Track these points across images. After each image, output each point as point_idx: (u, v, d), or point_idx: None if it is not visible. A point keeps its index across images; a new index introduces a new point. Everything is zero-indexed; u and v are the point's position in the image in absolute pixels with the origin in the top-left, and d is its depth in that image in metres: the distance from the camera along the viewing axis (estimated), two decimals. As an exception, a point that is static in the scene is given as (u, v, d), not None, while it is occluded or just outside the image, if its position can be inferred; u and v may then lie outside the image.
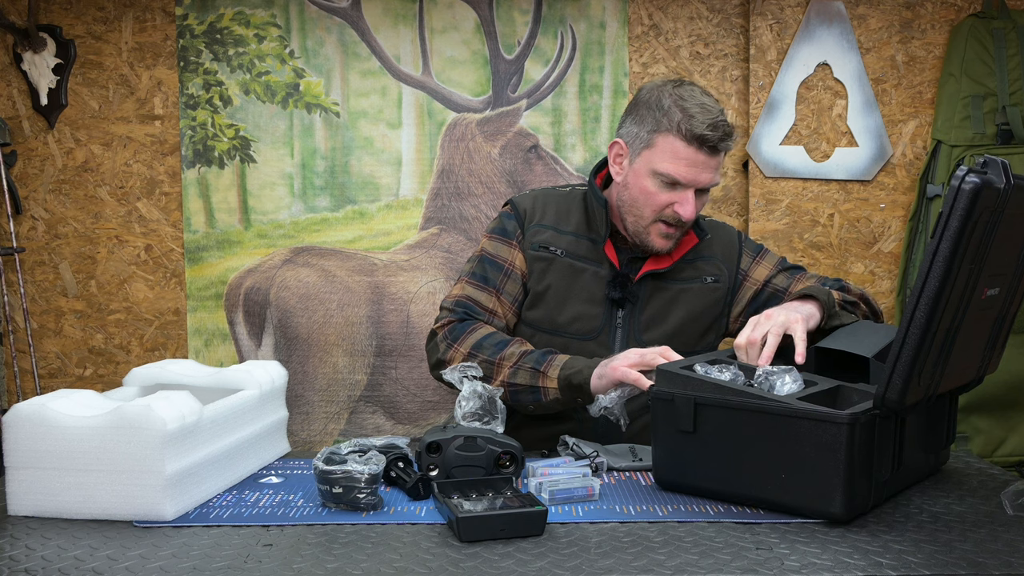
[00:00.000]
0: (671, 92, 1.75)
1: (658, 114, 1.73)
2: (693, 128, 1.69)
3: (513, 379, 1.68)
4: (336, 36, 2.55)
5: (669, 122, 1.72)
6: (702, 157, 1.72)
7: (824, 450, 1.23)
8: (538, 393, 1.68)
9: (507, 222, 1.87)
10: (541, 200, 1.89)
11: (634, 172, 1.78)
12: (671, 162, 1.72)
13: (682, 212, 1.74)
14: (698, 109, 1.71)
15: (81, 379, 2.61)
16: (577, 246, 1.82)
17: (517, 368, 1.69)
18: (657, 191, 1.74)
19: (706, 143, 1.70)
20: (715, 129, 1.70)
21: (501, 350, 1.70)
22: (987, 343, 1.43)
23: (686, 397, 1.35)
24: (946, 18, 2.52)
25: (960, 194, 1.15)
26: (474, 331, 1.74)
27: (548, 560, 1.12)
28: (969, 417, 2.48)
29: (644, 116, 1.76)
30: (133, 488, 1.27)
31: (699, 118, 1.70)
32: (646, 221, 1.78)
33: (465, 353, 1.72)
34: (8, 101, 2.58)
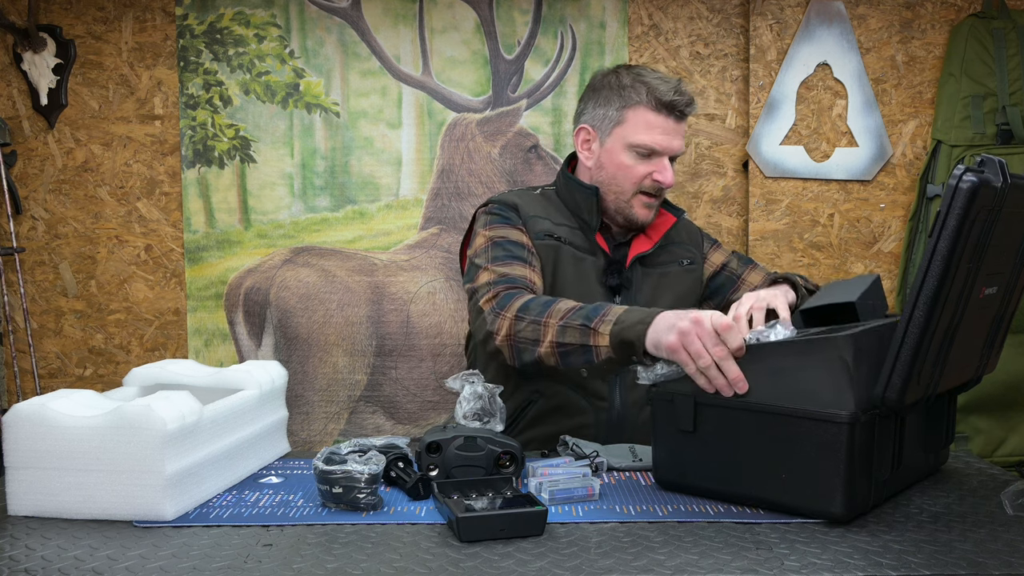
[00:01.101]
0: (626, 72, 1.86)
1: (623, 92, 1.83)
2: (661, 96, 1.80)
3: (561, 338, 1.53)
4: (336, 36, 2.55)
5: (637, 95, 1.81)
6: (672, 124, 1.82)
7: (824, 450, 1.23)
8: (590, 353, 1.51)
9: (504, 213, 1.86)
10: (523, 196, 1.91)
11: (607, 151, 1.85)
12: (645, 132, 1.81)
13: (662, 179, 1.83)
14: (658, 81, 1.82)
15: (81, 379, 2.61)
16: (573, 236, 1.86)
17: (565, 326, 1.53)
18: (634, 164, 1.83)
19: (675, 108, 1.81)
20: (681, 94, 1.81)
21: (548, 307, 1.58)
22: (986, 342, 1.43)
23: (686, 397, 1.35)
24: (946, 18, 2.52)
25: (957, 193, 1.15)
26: (520, 297, 1.65)
27: (548, 560, 1.12)
28: (969, 417, 2.48)
29: (608, 97, 1.85)
30: (133, 488, 1.27)
31: (663, 87, 1.81)
32: (628, 195, 1.85)
33: (512, 318, 1.61)
34: (8, 101, 2.58)
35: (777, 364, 1.28)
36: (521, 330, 1.60)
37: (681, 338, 1.33)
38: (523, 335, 1.60)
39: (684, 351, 1.33)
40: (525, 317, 1.60)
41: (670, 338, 1.34)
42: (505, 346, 1.63)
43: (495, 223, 1.85)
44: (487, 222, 1.87)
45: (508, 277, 1.73)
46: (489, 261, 1.78)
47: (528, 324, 1.59)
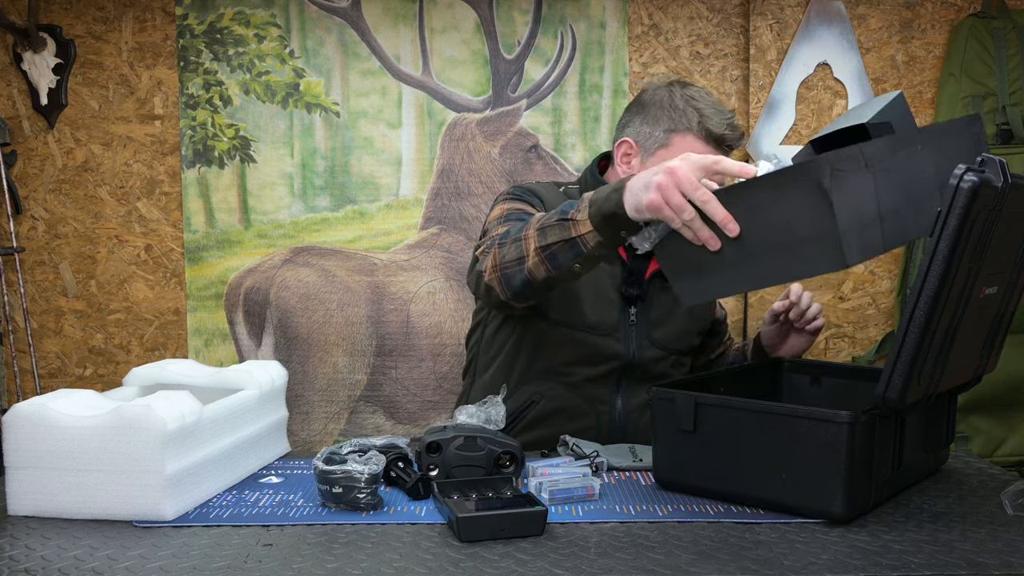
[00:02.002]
0: (680, 93, 1.77)
1: (674, 114, 1.75)
2: (712, 129, 1.72)
3: (544, 240, 1.47)
4: (336, 36, 2.55)
5: (688, 122, 1.73)
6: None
7: (824, 450, 1.23)
8: (576, 246, 1.44)
9: (526, 196, 1.81)
10: (547, 189, 1.86)
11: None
12: None
13: None
14: (713, 110, 1.74)
15: (81, 379, 2.61)
16: None
17: (543, 227, 1.47)
18: None
19: (724, 143, 1.74)
20: (733, 130, 1.74)
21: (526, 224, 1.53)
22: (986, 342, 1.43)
23: (686, 397, 1.36)
24: (946, 18, 2.52)
25: (958, 192, 1.15)
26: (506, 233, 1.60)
27: (548, 560, 1.12)
28: (969, 417, 2.48)
29: (658, 116, 1.77)
30: (133, 488, 1.27)
31: (716, 119, 1.73)
32: None
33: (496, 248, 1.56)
34: (8, 101, 2.58)
35: (755, 201, 1.20)
36: (505, 254, 1.54)
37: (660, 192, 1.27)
38: (508, 258, 1.54)
39: (667, 207, 1.27)
40: (506, 241, 1.55)
41: (649, 196, 1.28)
42: (494, 279, 1.56)
43: (514, 199, 1.80)
44: (506, 197, 1.82)
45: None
46: (499, 223, 1.72)
47: (510, 245, 1.53)
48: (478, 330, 1.93)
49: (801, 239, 1.19)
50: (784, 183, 1.19)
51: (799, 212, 1.18)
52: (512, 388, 1.79)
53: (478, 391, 1.84)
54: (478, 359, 1.93)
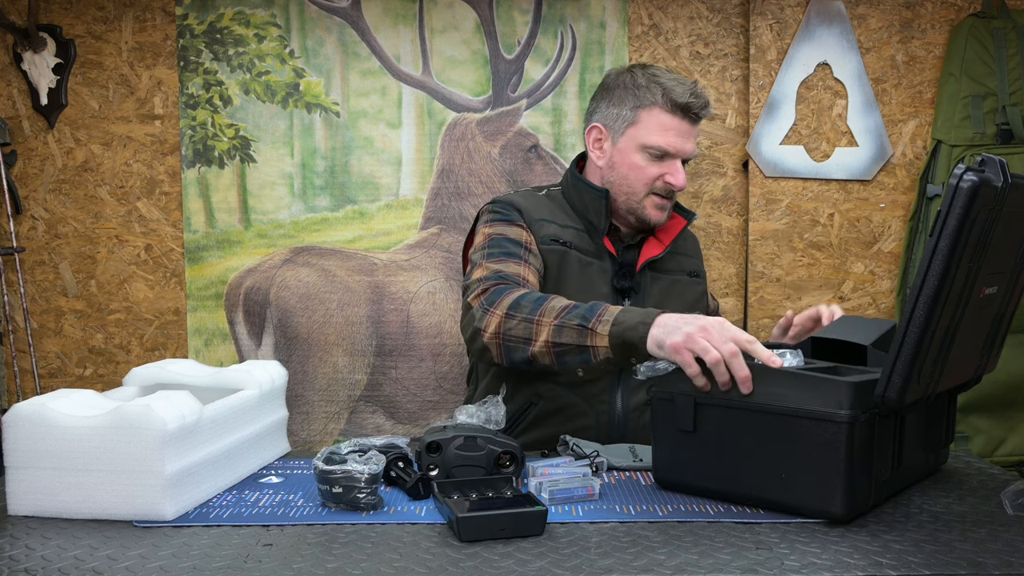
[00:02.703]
0: (641, 72, 1.84)
1: (637, 92, 1.82)
2: (676, 98, 1.79)
3: (558, 338, 1.50)
4: (336, 36, 2.55)
5: (652, 96, 1.80)
6: (686, 126, 1.81)
7: (824, 450, 1.23)
8: (587, 353, 1.48)
9: (506, 211, 1.84)
10: (527, 199, 1.89)
11: (619, 151, 1.84)
12: (659, 134, 1.80)
13: (674, 182, 1.82)
14: (674, 82, 1.81)
15: (81, 379, 2.61)
16: (580, 240, 1.84)
17: (562, 325, 1.50)
18: (646, 165, 1.82)
19: (690, 110, 1.81)
20: (697, 97, 1.81)
21: (540, 305, 1.55)
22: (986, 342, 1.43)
23: (686, 397, 1.35)
24: (946, 18, 2.52)
25: (958, 192, 1.15)
26: (510, 293, 1.61)
27: (548, 560, 1.12)
28: (969, 417, 2.48)
29: (623, 97, 1.83)
30: (133, 488, 1.27)
31: (679, 89, 1.80)
32: (639, 196, 1.84)
33: (502, 315, 1.57)
34: (8, 101, 2.58)
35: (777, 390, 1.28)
36: (512, 328, 1.56)
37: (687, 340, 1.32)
38: (514, 333, 1.56)
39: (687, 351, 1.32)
40: (516, 315, 1.56)
41: (675, 339, 1.34)
42: (493, 344, 1.59)
43: (495, 220, 1.84)
44: (488, 220, 1.86)
45: (500, 273, 1.69)
46: (485, 258, 1.75)
47: (519, 322, 1.55)
48: None
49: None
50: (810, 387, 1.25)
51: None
52: (512, 390, 1.79)
53: (480, 396, 1.84)
54: (479, 364, 1.94)
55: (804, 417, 1.25)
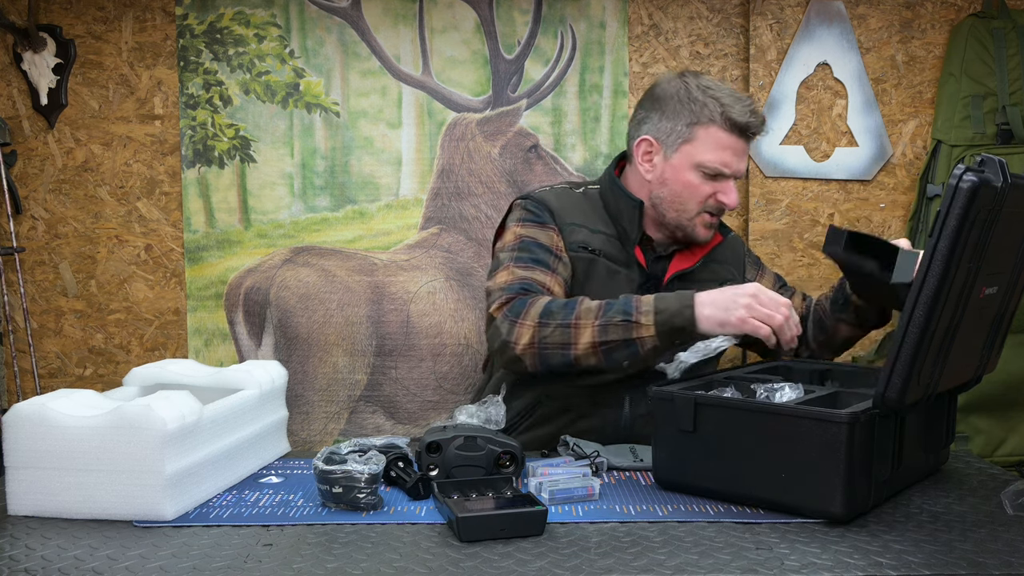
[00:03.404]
0: (695, 83, 1.76)
1: (693, 107, 1.74)
2: (735, 117, 1.72)
3: (604, 336, 1.55)
4: (336, 36, 2.55)
5: (710, 113, 1.73)
6: (741, 145, 1.75)
7: (824, 450, 1.23)
8: (634, 346, 1.55)
9: (539, 212, 1.80)
10: (561, 198, 1.84)
11: (672, 167, 1.77)
12: (715, 152, 1.74)
13: (727, 201, 1.77)
14: (733, 99, 1.74)
15: (81, 379, 2.61)
16: (610, 246, 1.80)
17: (606, 324, 1.55)
18: (700, 183, 1.76)
19: (748, 130, 1.74)
20: (755, 115, 1.74)
21: (573, 309, 1.58)
22: (986, 342, 1.43)
23: (686, 397, 1.36)
24: (946, 18, 2.52)
25: (958, 192, 1.15)
26: (535, 302, 1.62)
27: (548, 560, 1.12)
28: (969, 417, 2.48)
29: (677, 110, 1.76)
30: (133, 488, 1.27)
31: (737, 107, 1.73)
32: (691, 214, 1.78)
33: (533, 326, 1.59)
34: (8, 101, 2.58)
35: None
36: (548, 335, 1.58)
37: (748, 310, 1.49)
38: (551, 340, 1.58)
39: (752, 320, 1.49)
40: (550, 322, 1.58)
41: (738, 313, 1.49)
42: (528, 354, 1.60)
43: (527, 221, 1.79)
44: (520, 218, 1.81)
45: (525, 281, 1.68)
46: (513, 261, 1.73)
47: (555, 328, 1.57)
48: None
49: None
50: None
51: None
52: (523, 386, 1.79)
53: (493, 388, 1.83)
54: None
55: (804, 417, 1.25)
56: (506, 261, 1.74)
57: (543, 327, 1.59)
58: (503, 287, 1.68)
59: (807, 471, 1.25)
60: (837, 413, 1.23)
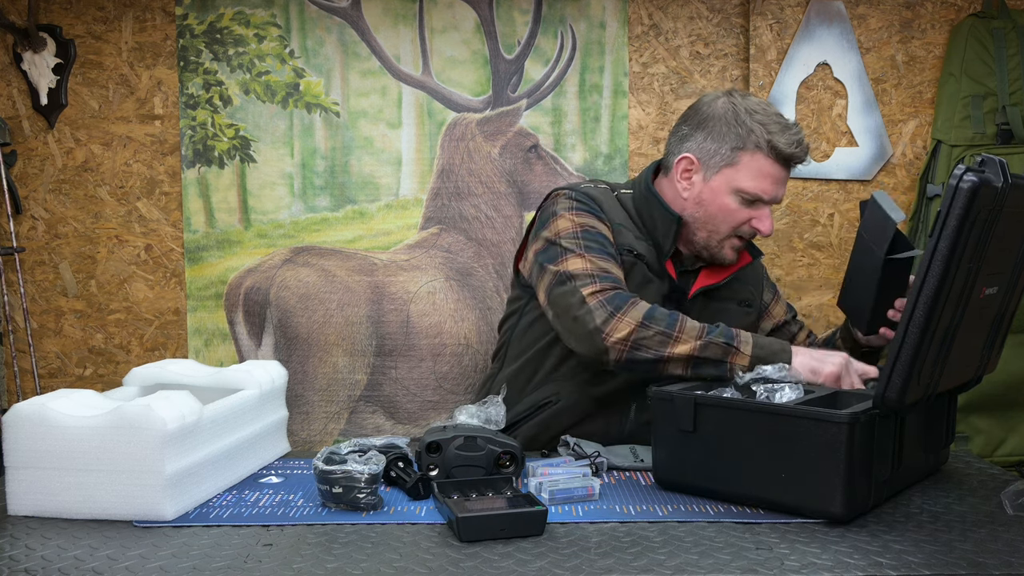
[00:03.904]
0: (743, 106, 1.73)
1: (740, 131, 1.71)
2: (780, 147, 1.70)
3: (703, 353, 1.58)
4: (336, 36, 2.55)
5: (757, 140, 1.70)
6: (783, 173, 1.74)
7: (824, 450, 1.23)
8: (723, 367, 1.58)
9: (589, 203, 1.77)
10: (604, 197, 1.81)
11: (711, 189, 1.75)
12: (756, 180, 1.72)
13: (762, 228, 1.76)
14: (778, 126, 1.71)
15: (81, 379, 2.61)
16: (650, 254, 1.78)
17: (708, 343, 1.58)
18: (737, 208, 1.74)
19: (793, 161, 1.73)
20: (801, 147, 1.72)
21: (675, 321, 1.60)
22: (986, 342, 1.43)
23: (686, 397, 1.36)
24: (946, 18, 2.52)
25: (958, 192, 1.15)
26: (637, 302, 1.62)
27: (548, 560, 1.12)
28: (969, 417, 2.48)
29: (723, 133, 1.73)
30: (133, 488, 1.27)
31: (784, 136, 1.70)
32: (721, 236, 1.77)
33: (635, 324, 1.59)
34: (8, 101, 2.58)
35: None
36: (647, 337, 1.58)
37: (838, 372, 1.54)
38: (648, 342, 1.58)
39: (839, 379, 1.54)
40: (652, 326, 1.59)
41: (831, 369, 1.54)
42: (617, 348, 1.59)
43: (581, 210, 1.76)
44: (571, 207, 1.77)
45: (611, 276, 1.67)
46: (584, 249, 1.69)
47: (656, 334, 1.58)
48: (513, 317, 1.91)
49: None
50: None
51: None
52: (536, 383, 1.78)
53: (503, 380, 1.83)
54: (509, 346, 1.91)
55: (804, 417, 1.25)
56: (575, 248, 1.70)
57: (644, 328, 1.59)
58: (590, 273, 1.66)
59: (807, 471, 1.25)
60: (837, 413, 1.23)
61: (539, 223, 1.81)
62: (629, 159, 2.56)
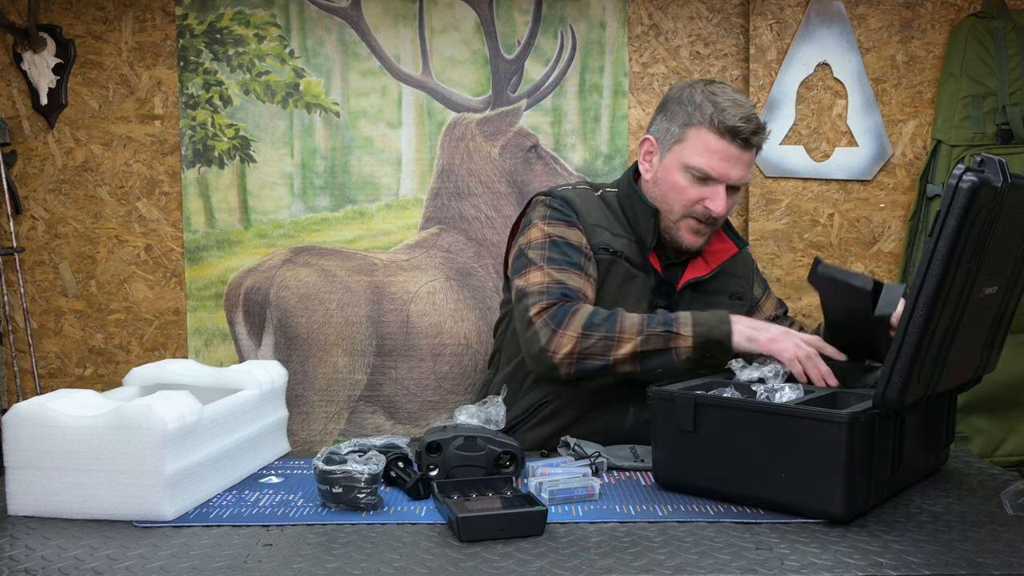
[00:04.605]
0: (703, 89, 1.75)
1: (690, 108, 1.74)
2: (725, 120, 1.70)
3: (645, 347, 1.61)
4: (336, 36, 2.55)
5: (701, 115, 1.72)
6: (734, 151, 1.72)
7: (824, 450, 1.23)
8: (670, 354, 1.61)
9: (565, 210, 1.79)
10: (583, 198, 1.83)
11: (664, 167, 1.77)
12: (703, 155, 1.72)
13: (712, 207, 1.74)
14: (730, 103, 1.72)
15: (81, 379, 2.61)
16: (629, 250, 1.79)
17: (648, 335, 1.61)
18: (688, 185, 1.74)
19: (739, 135, 1.71)
20: (748, 121, 1.71)
21: (615, 322, 1.62)
22: (986, 342, 1.43)
23: (686, 397, 1.36)
24: (946, 18, 2.52)
25: (957, 192, 1.15)
26: (576, 312, 1.64)
27: (548, 560, 1.12)
28: (969, 417, 2.48)
29: (675, 112, 1.76)
30: (133, 488, 1.27)
31: (731, 111, 1.70)
32: (675, 216, 1.77)
33: (575, 336, 1.62)
34: (8, 101, 2.58)
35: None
36: (590, 346, 1.61)
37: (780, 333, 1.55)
38: (592, 350, 1.61)
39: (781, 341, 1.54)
40: (593, 334, 1.62)
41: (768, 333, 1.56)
42: (565, 363, 1.63)
43: (555, 219, 1.78)
44: (547, 216, 1.79)
45: (563, 287, 1.68)
46: (545, 261, 1.72)
47: (599, 340, 1.61)
48: (504, 321, 1.92)
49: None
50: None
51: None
52: (529, 385, 1.79)
53: (499, 384, 1.83)
54: (502, 350, 1.91)
55: (804, 417, 1.25)
56: (538, 261, 1.73)
57: (586, 338, 1.62)
58: (541, 290, 1.69)
59: (807, 471, 1.25)
60: (837, 413, 1.23)
61: (520, 229, 1.85)
62: (629, 159, 2.56)
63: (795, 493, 1.26)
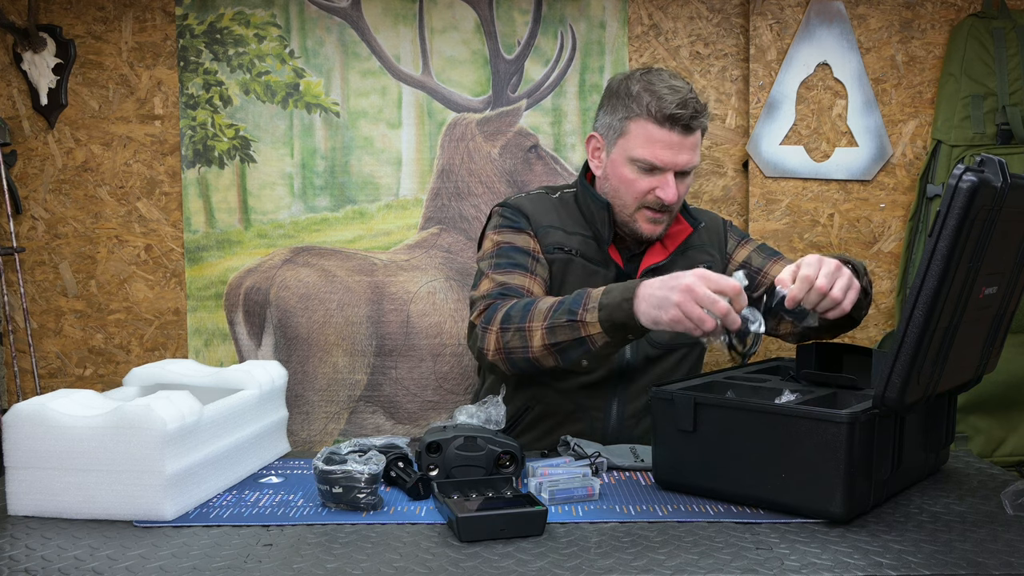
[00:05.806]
0: (640, 78, 1.76)
1: (628, 101, 1.74)
2: (663, 109, 1.70)
3: (552, 338, 1.54)
4: (336, 36, 2.55)
5: (639, 107, 1.72)
6: (676, 138, 1.72)
7: (824, 450, 1.23)
8: (585, 344, 1.52)
9: (514, 218, 1.82)
10: (535, 203, 1.86)
11: (612, 162, 1.79)
12: (646, 146, 1.73)
13: (664, 196, 1.74)
14: (667, 90, 1.72)
15: (81, 379, 2.61)
16: (586, 247, 1.81)
17: (552, 325, 1.53)
18: (636, 177, 1.75)
19: (678, 122, 1.71)
20: (685, 107, 1.70)
21: (528, 311, 1.58)
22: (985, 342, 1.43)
23: (686, 397, 1.36)
24: (946, 18, 2.52)
25: (957, 192, 1.15)
26: (502, 307, 1.64)
27: (548, 560, 1.12)
28: (969, 417, 2.48)
29: (615, 105, 1.77)
30: (133, 488, 1.27)
31: (668, 98, 1.70)
32: (630, 209, 1.79)
33: (497, 331, 1.60)
34: (8, 101, 2.58)
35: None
36: (509, 340, 1.60)
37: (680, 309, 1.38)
38: (512, 345, 1.60)
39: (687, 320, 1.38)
40: (509, 326, 1.60)
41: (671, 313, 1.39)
42: (498, 360, 1.63)
43: (504, 227, 1.82)
44: (497, 225, 1.84)
45: (505, 287, 1.70)
46: (492, 268, 1.75)
47: (513, 333, 1.59)
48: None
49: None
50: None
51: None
52: (511, 391, 1.79)
53: (488, 391, 1.84)
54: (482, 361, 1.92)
55: (804, 417, 1.25)
56: (486, 270, 1.76)
57: (504, 332, 1.60)
58: (484, 295, 1.71)
59: (807, 471, 1.25)
60: (837, 413, 1.23)
61: (480, 244, 1.89)
62: (629, 159, 2.56)
63: (795, 493, 1.26)
